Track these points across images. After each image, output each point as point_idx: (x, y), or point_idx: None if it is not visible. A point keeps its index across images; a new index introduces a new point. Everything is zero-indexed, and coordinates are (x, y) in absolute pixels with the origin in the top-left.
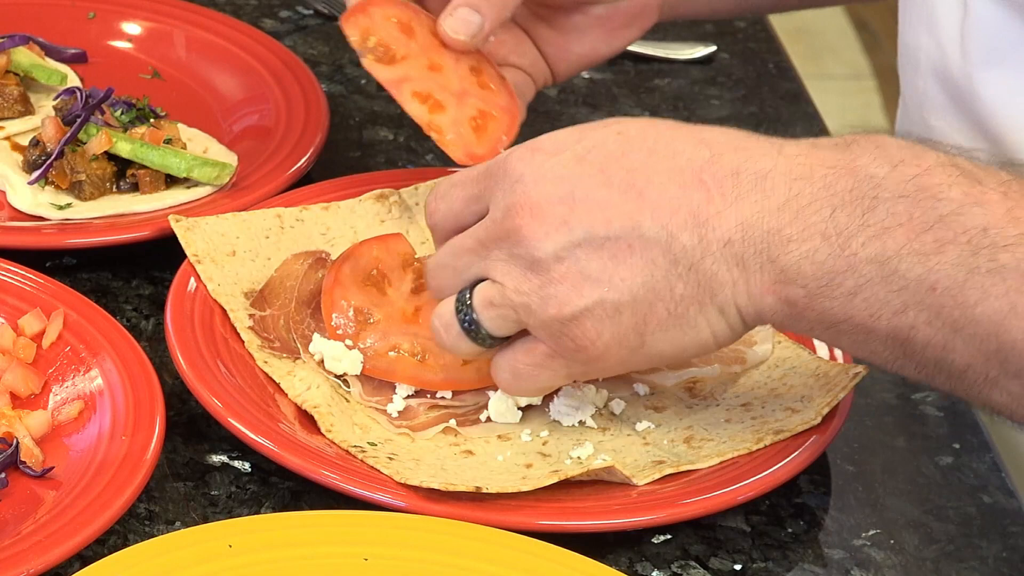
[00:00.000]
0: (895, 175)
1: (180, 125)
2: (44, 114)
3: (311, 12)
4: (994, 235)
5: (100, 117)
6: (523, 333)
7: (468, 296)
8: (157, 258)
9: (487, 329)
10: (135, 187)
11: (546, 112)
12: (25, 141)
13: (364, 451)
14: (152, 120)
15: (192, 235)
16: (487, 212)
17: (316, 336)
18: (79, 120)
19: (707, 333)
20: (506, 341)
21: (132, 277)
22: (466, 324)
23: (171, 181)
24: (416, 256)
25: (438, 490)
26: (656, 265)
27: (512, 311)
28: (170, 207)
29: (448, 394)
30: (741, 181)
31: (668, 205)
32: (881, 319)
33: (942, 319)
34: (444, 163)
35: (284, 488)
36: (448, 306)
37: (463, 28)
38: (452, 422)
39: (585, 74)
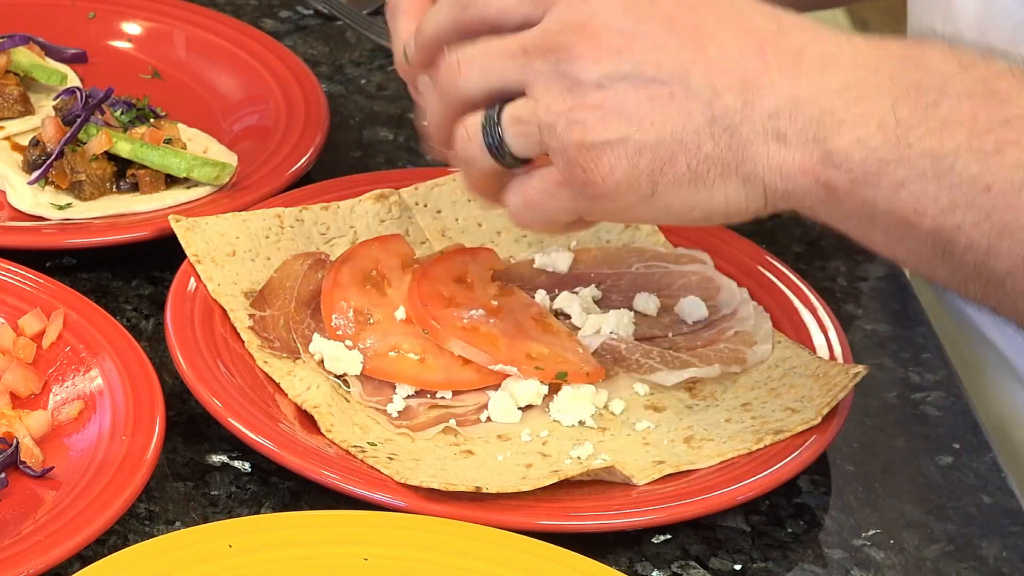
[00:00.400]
0: (964, 75)
1: (180, 125)
2: (44, 114)
3: (311, 12)
4: None
5: (100, 117)
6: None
7: (497, 111)
8: (157, 258)
9: (510, 146)
10: (135, 187)
11: None
12: (25, 141)
13: (364, 451)
14: (152, 120)
15: (192, 235)
16: (534, 24)
17: (316, 336)
18: (79, 120)
19: (721, 200)
20: (524, 166)
21: (132, 277)
22: (491, 139)
23: (171, 181)
24: (415, 256)
25: (438, 490)
26: (691, 118)
27: (536, 129)
28: (170, 207)
29: (448, 394)
30: (803, 59)
31: (722, 64)
32: (926, 216)
33: (991, 221)
34: (444, 163)
35: (284, 488)
36: (476, 118)
37: None
38: (452, 422)
39: None
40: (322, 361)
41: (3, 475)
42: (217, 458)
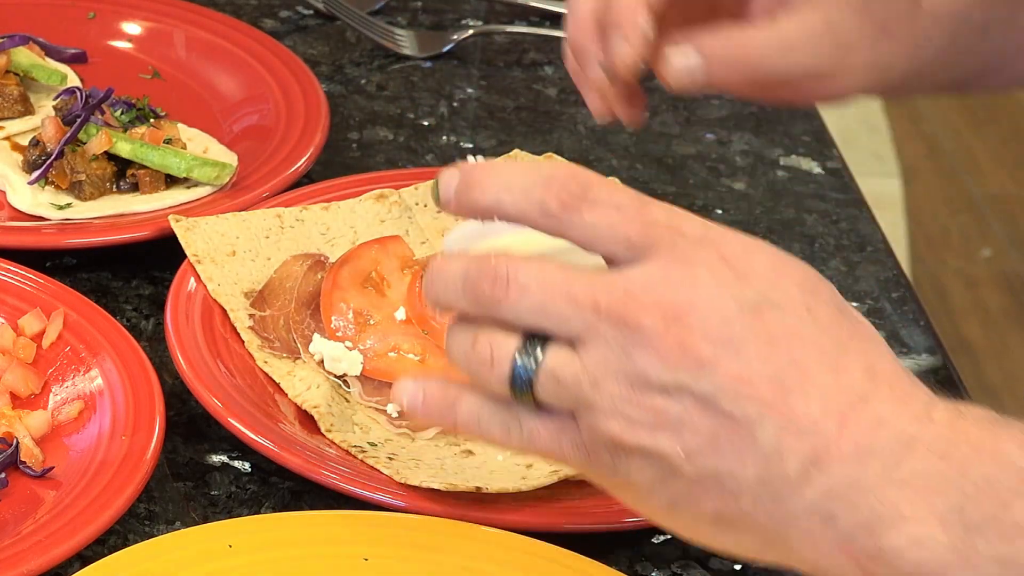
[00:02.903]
0: None
1: (180, 125)
2: (44, 114)
3: (311, 12)
4: None
5: (100, 117)
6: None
7: (539, 350)
8: (157, 258)
9: (535, 395)
10: (135, 187)
11: (547, 112)
12: (25, 141)
13: (364, 451)
14: (152, 120)
15: (192, 235)
16: (625, 259)
17: (316, 336)
18: (79, 120)
19: (734, 546)
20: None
21: (132, 277)
22: (518, 374)
23: (171, 181)
24: (415, 257)
25: (438, 490)
26: (743, 469)
27: (573, 398)
28: (170, 207)
29: None
30: (879, 436)
31: (798, 424)
32: None
33: None
34: (444, 163)
35: (284, 488)
36: (509, 348)
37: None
38: None
39: None
40: (322, 361)
41: (3, 475)
42: (217, 458)
